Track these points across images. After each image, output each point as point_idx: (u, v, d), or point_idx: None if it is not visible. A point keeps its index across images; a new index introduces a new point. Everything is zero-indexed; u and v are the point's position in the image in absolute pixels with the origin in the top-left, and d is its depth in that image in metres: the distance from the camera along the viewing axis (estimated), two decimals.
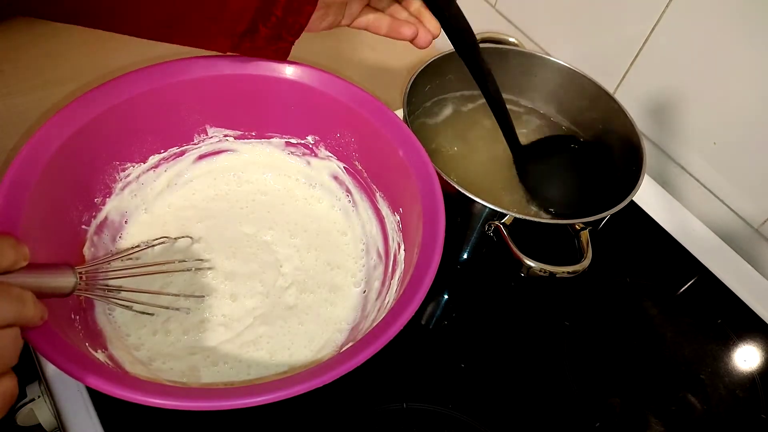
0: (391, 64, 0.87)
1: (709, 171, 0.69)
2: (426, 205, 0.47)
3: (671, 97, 0.69)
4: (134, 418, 0.46)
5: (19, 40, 0.77)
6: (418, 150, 0.51)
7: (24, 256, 0.34)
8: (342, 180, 0.59)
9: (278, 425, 0.48)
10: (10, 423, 0.64)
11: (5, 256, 0.33)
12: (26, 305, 0.33)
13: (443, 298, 0.60)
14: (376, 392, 0.51)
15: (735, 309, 0.63)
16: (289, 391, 0.36)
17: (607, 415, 0.53)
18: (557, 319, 0.59)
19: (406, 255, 0.49)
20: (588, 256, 0.52)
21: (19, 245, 0.33)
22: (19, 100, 0.70)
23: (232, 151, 0.60)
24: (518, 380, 0.54)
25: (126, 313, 0.49)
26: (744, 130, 0.64)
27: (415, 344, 0.55)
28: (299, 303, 0.53)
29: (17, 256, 0.33)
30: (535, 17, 0.80)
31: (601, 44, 0.73)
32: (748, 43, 0.60)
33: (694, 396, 0.55)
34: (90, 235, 0.50)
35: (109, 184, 0.53)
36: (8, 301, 0.31)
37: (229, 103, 0.56)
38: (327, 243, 0.57)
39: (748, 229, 0.68)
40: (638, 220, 0.69)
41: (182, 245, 0.54)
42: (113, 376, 0.37)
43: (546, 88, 0.70)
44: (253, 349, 0.49)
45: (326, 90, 0.54)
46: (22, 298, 0.32)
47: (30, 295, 0.33)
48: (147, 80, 0.51)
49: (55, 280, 0.36)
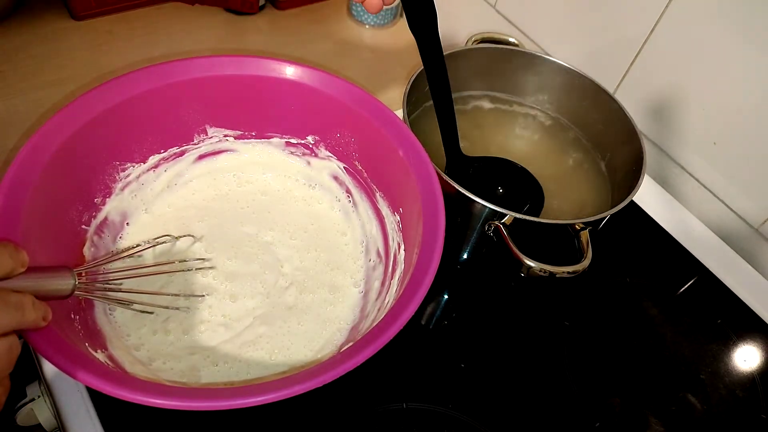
0: (391, 64, 0.87)
1: (709, 171, 0.69)
2: (426, 205, 0.47)
3: (671, 97, 0.69)
4: (134, 418, 0.46)
5: (19, 40, 0.77)
6: (418, 150, 0.51)
7: (22, 263, 0.33)
8: (342, 180, 0.59)
9: (278, 425, 0.48)
10: (10, 423, 0.64)
11: (2, 264, 0.32)
12: (25, 311, 0.32)
13: (443, 298, 0.60)
14: (376, 392, 0.51)
15: (735, 309, 0.63)
16: (289, 391, 0.36)
17: (607, 415, 0.53)
18: (557, 319, 0.59)
19: (406, 255, 0.49)
20: (588, 256, 0.52)
21: (18, 252, 0.33)
22: (19, 100, 0.70)
23: (232, 151, 0.60)
24: (518, 380, 0.54)
25: (126, 313, 0.49)
26: (744, 130, 0.64)
27: (415, 344, 0.55)
28: (299, 303, 0.53)
29: (15, 264, 0.33)
30: (535, 17, 0.80)
31: (601, 44, 0.73)
32: (748, 43, 0.60)
33: (694, 396, 0.55)
34: (90, 235, 0.50)
35: (109, 184, 0.53)
36: (6, 310, 0.31)
37: (229, 103, 0.56)
38: (327, 243, 0.57)
39: (748, 229, 0.68)
40: (638, 220, 0.69)
41: (183, 245, 0.54)
42: (113, 376, 0.37)
43: (546, 88, 0.70)
44: (252, 349, 0.49)
45: (326, 90, 0.54)
46: (20, 305, 0.32)
47: (29, 298, 0.33)
48: (147, 80, 0.51)
49: (53, 282, 0.36)
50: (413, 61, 0.88)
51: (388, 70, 0.86)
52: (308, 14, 0.92)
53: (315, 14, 0.92)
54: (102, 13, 0.83)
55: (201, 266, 0.53)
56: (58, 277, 0.37)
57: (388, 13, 0.92)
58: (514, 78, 0.69)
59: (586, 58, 0.75)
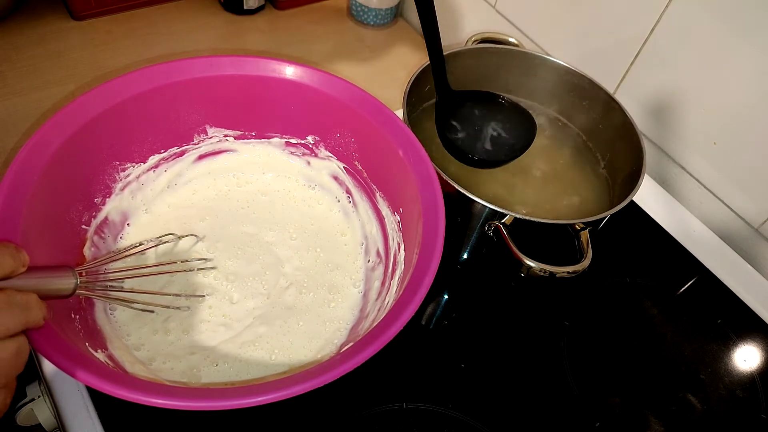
0: (391, 64, 0.87)
1: (709, 171, 0.69)
2: (426, 205, 0.47)
3: (671, 97, 0.69)
4: (134, 418, 0.46)
5: (19, 40, 0.77)
6: (418, 150, 0.51)
7: (23, 263, 0.33)
8: (342, 180, 0.59)
9: (278, 425, 0.48)
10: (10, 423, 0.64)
11: (4, 264, 0.32)
12: (32, 310, 0.32)
13: (443, 298, 0.60)
14: (376, 392, 0.51)
15: (735, 309, 0.63)
16: (289, 391, 0.36)
17: (607, 415, 0.53)
18: (557, 319, 0.59)
19: (406, 255, 0.49)
20: (588, 256, 0.52)
21: (18, 252, 0.33)
22: (19, 100, 0.70)
23: (232, 151, 0.60)
24: (518, 380, 0.54)
25: (126, 313, 0.49)
26: (744, 130, 0.64)
27: (415, 344, 0.55)
28: (299, 303, 0.53)
29: (15, 264, 0.33)
30: (535, 17, 0.80)
31: (601, 44, 0.73)
32: (748, 42, 0.60)
33: (694, 396, 0.55)
34: (90, 235, 0.50)
35: (109, 184, 0.53)
36: (12, 311, 0.31)
37: (229, 103, 0.56)
38: (327, 243, 0.57)
39: (748, 229, 0.68)
40: (638, 220, 0.69)
41: (185, 245, 0.54)
42: (113, 375, 0.37)
43: (546, 88, 0.70)
44: (253, 349, 0.49)
45: (326, 90, 0.54)
46: (27, 305, 0.32)
47: (33, 297, 0.33)
48: (147, 80, 0.51)
49: (55, 282, 0.36)
50: (413, 61, 0.88)
51: (388, 70, 0.86)
52: (308, 14, 0.92)
53: (315, 14, 0.92)
54: (102, 13, 0.83)
55: (203, 266, 0.53)
56: (59, 276, 0.37)
57: (388, 13, 0.92)
58: (514, 78, 0.69)
59: (586, 58, 0.75)
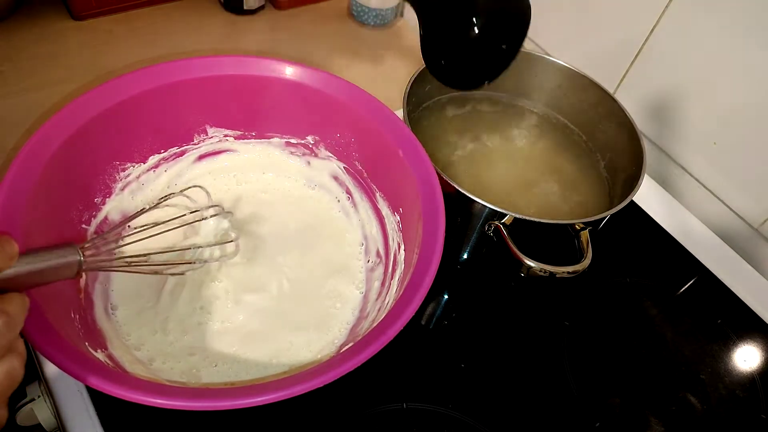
0: (391, 64, 0.87)
1: (709, 171, 0.69)
2: (426, 205, 0.47)
3: (671, 97, 0.69)
4: (134, 418, 0.46)
5: (19, 40, 0.77)
6: (418, 150, 0.51)
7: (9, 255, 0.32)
8: (342, 180, 0.59)
9: (278, 425, 0.48)
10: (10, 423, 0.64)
11: None
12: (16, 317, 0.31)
13: (443, 298, 0.60)
14: (376, 392, 0.51)
15: (735, 309, 0.63)
16: (289, 391, 0.36)
17: (607, 415, 0.53)
18: (557, 319, 0.59)
19: (406, 255, 0.49)
20: (588, 256, 0.52)
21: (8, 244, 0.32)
22: (19, 100, 0.70)
23: (232, 151, 0.60)
24: (518, 380, 0.54)
25: (126, 313, 0.49)
26: (744, 130, 0.64)
27: (415, 344, 0.55)
28: (299, 303, 0.53)
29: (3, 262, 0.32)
30: (535, 17, 0.80)
31: (601, 44, 0.73)
32: (748, 43, 0.60)
33: (694, 396, 0.55)
34: (90, 234, 0.50)
35: (109, 184, 0.53)
36: None
37: (229, 103, 0.56)
38: (327, 243, 0.57)
39: (748, 229, 0.68)
40: (638, 220, 0.69)
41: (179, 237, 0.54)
42: (113, 375, 0.37)
43: (546, 88, 0.70)
44: (252, 349, 0.49)
45: (326, 90, 0.54)
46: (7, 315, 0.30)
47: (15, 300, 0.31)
48: (147, 80, 0.51)
49: (58, 262, 0.35)
50: (413, 61, 0.88)
51: (388, 70, 0.86)
52: (308, 14, 0.92)
53: (315, 14, 0.92)
54: (102, 13, 0.83)
55: (216, 213, 0.52)
56: (62, 255, 0.36)
57: (388, 14, 0.92)
58: (514, 78, 0.69)
59: (586, 58, 0.75)
